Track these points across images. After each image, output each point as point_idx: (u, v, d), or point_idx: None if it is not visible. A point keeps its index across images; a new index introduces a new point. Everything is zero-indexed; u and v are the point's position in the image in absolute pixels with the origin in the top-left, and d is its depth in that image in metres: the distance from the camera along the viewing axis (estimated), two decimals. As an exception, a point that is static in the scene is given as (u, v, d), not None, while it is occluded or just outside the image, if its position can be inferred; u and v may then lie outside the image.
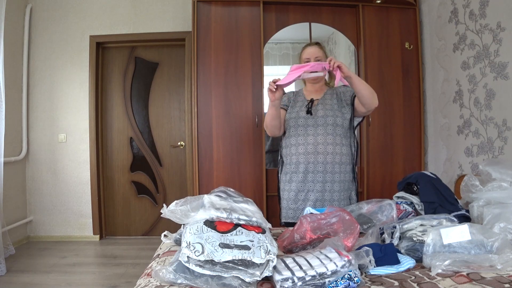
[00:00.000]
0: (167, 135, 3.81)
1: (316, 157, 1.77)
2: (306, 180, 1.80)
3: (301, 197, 1.82)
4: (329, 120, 1.78)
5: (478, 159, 2.50)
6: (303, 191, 1.81)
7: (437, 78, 2.97)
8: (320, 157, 1.77)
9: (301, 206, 1.82)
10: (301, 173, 1.80)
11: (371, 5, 3.03)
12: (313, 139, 1.78)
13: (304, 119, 1.81)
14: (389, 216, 1.47)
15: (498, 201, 1.33)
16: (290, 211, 1.85)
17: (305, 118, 1.81)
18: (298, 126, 1.82)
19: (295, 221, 1.75)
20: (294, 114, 1.85)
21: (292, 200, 1.84)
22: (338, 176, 1.80)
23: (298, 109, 1.86)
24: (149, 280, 1.04)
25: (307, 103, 1.84)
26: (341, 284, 0.94)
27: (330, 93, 1.87)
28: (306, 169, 1.79)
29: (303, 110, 1.83)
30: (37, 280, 2.61)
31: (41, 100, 3.69)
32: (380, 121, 3.03)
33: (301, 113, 1.83)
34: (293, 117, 1.84)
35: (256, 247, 0.97)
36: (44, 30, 3.67)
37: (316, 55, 1.83)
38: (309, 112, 1.81)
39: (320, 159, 1.77)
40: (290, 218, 1.85)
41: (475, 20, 2.47)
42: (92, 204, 3.67)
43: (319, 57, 1.82)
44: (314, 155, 1.77)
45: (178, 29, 3.63)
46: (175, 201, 1.10)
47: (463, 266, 1.03)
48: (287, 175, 1.87)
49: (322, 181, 1.78)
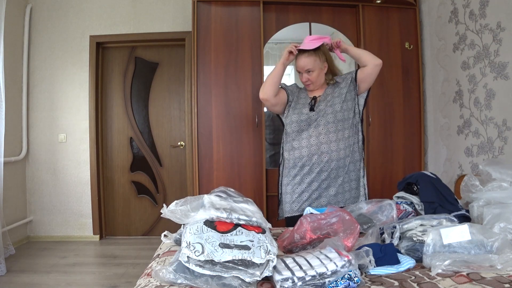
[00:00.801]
0: (167, 135, 3.81)
1: (319, 150, 1.79)
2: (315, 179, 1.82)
3: (315, 196, 1.83)
4: (330, 118, 1.79)
5: (478, 159, 2.50)
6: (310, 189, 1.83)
7: (437, 78, 2.97)
8: (324, 147, 1.80)
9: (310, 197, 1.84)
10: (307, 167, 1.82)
11: (371, 5, 3.03)
12: (316, 133, 1.79)
13: (306, 115, 1.82)
14: (389, 216, 1.48)
15: (498, 201, 1.33)
16: (294, 204, 1.85)
17: (308, 114, 1.82)
18: (301, 121, 1.82)
19: (300, 213, 1.76)
20: (296, 110, 1.86)
21: (297, 193, 1.85)
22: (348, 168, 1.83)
23: (301, 106, 1.86)
24: (149, 280, 1.04)
25: (310, 101, 1.86)
26: (341, 284, 0.94)
27: (331, 88, 1.88)
28: (311, 163, 1.81)
29: (306, 107, 1.84)
30: (37, 280, 2.62)
31: (41, 100, 3.69)
32: (380, 121, 3.03)
33: (303, 110, 1.84)
34: (295, 113, 1.85)
35: (256, 247, 0.97)
36: (44, 30, 3.68)
37: (307, 67, 1.82)
38: (312, 109, 1.82)
39: (325, 153, 1.79)
40: (294, 211, 1.85)
41: (475, 20, 2.47)
42: (92, 204, 3.67)
43: (310, 68, 1.81)
44: (317, 149, 1.79)
45: (178, 29, 3.63)
46: (175, 201, 1.10)
47: (463, 266, 1.03)
48: (291, 171, 1.87)
49: (336, 168, 1.80)
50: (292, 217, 1.85)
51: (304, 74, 1.84)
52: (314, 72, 1.82)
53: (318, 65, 1.82)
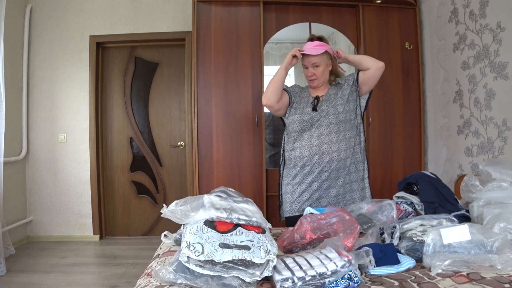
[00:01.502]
0: (167, 135, 3.81)
1: (320, 149, 1.80)
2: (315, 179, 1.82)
3: (315, 196, 1.83)
4: (332, 119, 1.79)
5: (478, 159, 2.50)
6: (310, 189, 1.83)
7: (437, 78, 2.97)
8: (326, 148, 1.80)
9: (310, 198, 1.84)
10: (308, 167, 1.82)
11: (371, 5, 3.03)
12: (317, 132, 1.80)
13: (309, 115, 1.82)
14: (389, 216, 1.48)
15: (498, 201, 1.33)
16: (294, 204, 1.85)
17: (310, 114, 1.82)
18: (304, 121, 1.82)
19: (301, 214, 1.75)
20: (299, 110, 1.86)
21: (298, 193, 1.85)
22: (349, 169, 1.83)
23: (304, 106, 1.86)
24: (149, 280, 1.04)
25: (313, 100, 1.86)
26: (341, 284, 0.94)
27: (334, 89, 1.88)
28: (313, 163, 1.81)
29: (308, 107, 1.84)
30: (37, 280, 2.61)
31: (41, 100, 3.69)
32: (380, 121, 3.03)
33: (306, 110, 1.84)
34: (298, 113, 1.85)
35: (256, 247, 0.97)
36: (44, 30, 3.67)
37: (315, 60, 1.81)
38: (314, 109, 1.83)
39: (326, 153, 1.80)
40: (294, 211, 1.85)
41: (475, 20, 2.47)
42: (92, 204, 3.67)
43: (317, 63, 1.81)
44: (319, 150, 1.80)
45: (178, 29, 3.63)
46: (175, 201, 1.10)
47: (463, 266, 1.03)
48: (292, 171, 1.88)
49: (337, 169, 1.80)
50: (292, 217, 1.85)
51: (310, 68, 1.83)
52: (320, 67, 1.82)
53: (325, 61, 1.83)
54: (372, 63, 1.81)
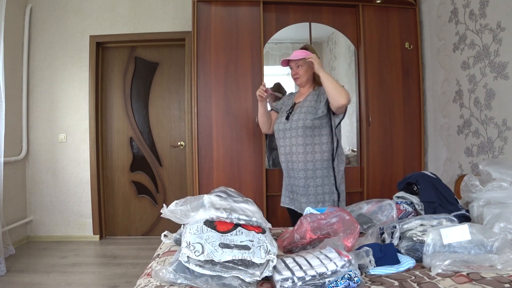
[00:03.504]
0: (167, 135, 3.81)
1: (291, 157, 1.98)
2: (290, 177, 2.04)
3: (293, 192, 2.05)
4: (300, 124, 1.92)
5: (478, 159, 2.50)
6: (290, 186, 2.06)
7: (437, 78, 2.97)
8: (294, 157, 1.97)
9: (292, 198, 2.06)
10: (285, 171, 2.07)
11: (371, 5, 3.03)
12: (289, 142, 1.97)
13: (283, 124, 2.00)
14: (389, 216, 1.48)
15: (498, 201, 1.33)
16: (286, 199, 2.10)
17: (284, 123, 2.00)
18: (279, 130, 2.02)
19: (289, 207, 2.07)
20: (278, 119, 2.07)
21: (287, 191, 2.10)
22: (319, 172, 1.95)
23: (281, 114, 2.07)
24: (149, 280, 1.04)
25: (289, 109, 2.03)
26: (341, 284, 0.94)
27: (313, 94, 1.98)
28: (288, 169, 2.03)
29: (284, 116, 2.02)
30: (37, 280, 2.62)
31: (41, 100, 3.69)
32: (380, 121, 3.03)
33: (282, 119, 2.03)
34: (277, 122, 2.06)
35: (256, 247, 0.97)
36: (44, 30, 3.67)
37: (296, 62, 2.00)
38: (287, 117, 1.99)
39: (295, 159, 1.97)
40: (286, 204, 2.10)
41: (475, 20, 2.47)
42: (92, 204, 3.67)
43: (299, 62, 1.99)
44: (290, 156, 1.98)
45: (178, 29, 3.63)
46: (175, 201, 1.10)
47: (463, 266, 1.03)
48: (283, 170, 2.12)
49: (304, 177, 1.96)
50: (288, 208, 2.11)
51: (294, 68, 2.02)
52: (303, 67, 1.99)
53: (307, 63, 1.96)
54: (335, 99, 1.77)
